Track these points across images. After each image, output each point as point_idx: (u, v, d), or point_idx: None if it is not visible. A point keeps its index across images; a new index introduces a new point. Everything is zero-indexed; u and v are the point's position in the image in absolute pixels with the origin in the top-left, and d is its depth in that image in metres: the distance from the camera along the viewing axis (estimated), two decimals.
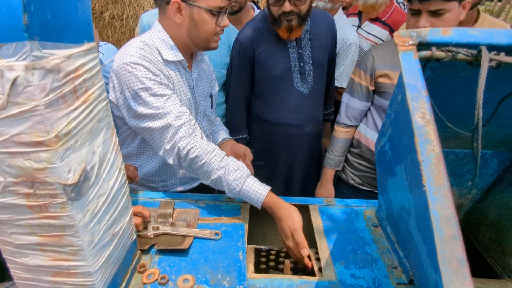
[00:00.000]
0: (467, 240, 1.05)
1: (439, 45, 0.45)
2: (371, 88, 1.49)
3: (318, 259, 0.97)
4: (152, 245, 0.94)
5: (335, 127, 1.68)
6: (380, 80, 1.44)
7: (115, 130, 0.73)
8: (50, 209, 0.57)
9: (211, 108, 1.40)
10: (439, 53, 0.44)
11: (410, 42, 0.43)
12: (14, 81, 0.48)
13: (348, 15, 2.31)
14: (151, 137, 1.09)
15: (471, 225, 1.05)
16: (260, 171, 1.95)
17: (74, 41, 0.57)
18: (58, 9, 0.53)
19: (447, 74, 0.54)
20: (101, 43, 1.74)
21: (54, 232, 0.60)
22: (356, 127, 1.63)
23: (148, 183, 1.31)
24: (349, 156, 1.69)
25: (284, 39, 1.56)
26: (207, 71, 1.37)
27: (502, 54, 0.43)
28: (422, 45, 0.45)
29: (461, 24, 1.43)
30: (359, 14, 2.26)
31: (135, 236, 0.86)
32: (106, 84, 1.01)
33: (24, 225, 0.59)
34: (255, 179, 1.05)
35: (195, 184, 1.41)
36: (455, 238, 0.32)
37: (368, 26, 2.19)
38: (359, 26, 2.23)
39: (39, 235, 0.61)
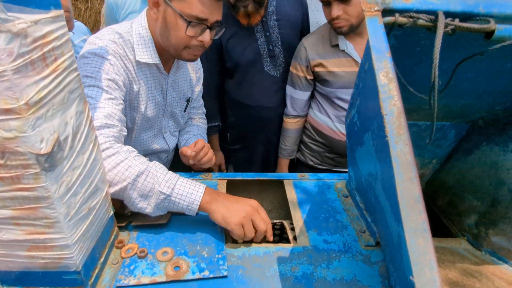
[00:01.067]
0: (428, 206, 1.14)
1: (402, 12, 0.48)
2: (310, 77, 1.58)
3: (293, 229, 1.01)
4: (130, 222, 0.94)
5: (284, 119, 1.77)
6: (316, 69, 1.53)
7: (88, 104, 0.71)
8: (23, 181, 0.56)
9: (184, 111, 1.33)
10: (401, 19, 0.47)
11: (376, 8, 0.46)
12: None
13: None
14: None
15: (432, 192, 1.13)
16: (238, 154, 1.98)
17: (41, 7, 0.55)
18: None
19: (409, 43, 0.58)
20: (85, 31, 1.67)
21: (28, 204, 0.59)
22: (303, 116, 1.72)
23: None
24: (305, 139, 1.78)
25: (245, 25, 1.53)
26: (189, 74, 1.28)
27: (457, 20, 0.48)
28: (386, 12, 0.48)
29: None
30: None
31: (112, 212, 0.85)
32: None
33: None
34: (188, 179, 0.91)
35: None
36: (412, 179, 0.36)
37: None
38: None
39: (12, 208, 0.59)
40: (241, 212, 0.87)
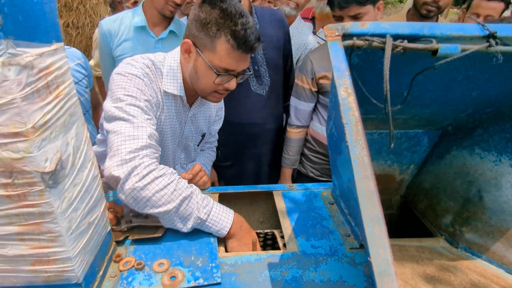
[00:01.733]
0: (408, 209, 1.21)
1: (359, 36, 0.56)
2: (314, 89, 1.66)
3: (282, 237, 1.07)
4: (126, 237, 0.99)
5: (288, 129, 1.83)
6: (321, 81, 1.61)
7: (86, 126, 0.77)
8: (28, 198, 0.61)
9: (198, 145, 1.38)
10: (358, 42, 0.55)
11: (336, 33, 0.54)
12: None
13: (305, 20, 2.46)
14: (112, 140, 0.94)
15: (411, 196, 1.21)
16: (228, 171, 2.03)
17: (44, 41, 0.62)
18: (28, 11, 0.58)
19: (371, 61, 0.66)
20: (65, 47, 1.74)
21: (33, 220, 0.64)
22: (306, 127, 1.79)
23: None
24: (306, 151, 1.84)
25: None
26: (210, 111, 1.33)
27: (405, 41, 0.56)
28: (346, 36, 0.56)
29: None
30: (313, 20, 2.42)
31: (109, 227, 0.90)
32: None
33: (2, 215, 0.63)
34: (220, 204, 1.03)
35: None
36: (368, 177, 0.43)
37: (322, 33, 2.36)
38: (313, 33, 2.39)
39: (17, 224, 0.64)
40: (247, 243, 1.01)
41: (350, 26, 0.56)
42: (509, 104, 0.88)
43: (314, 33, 2.37)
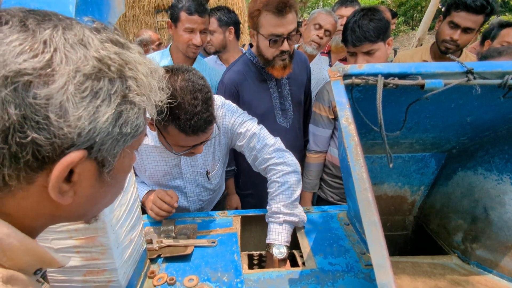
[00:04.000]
0: (422, 229, 1.26)
1: (357, 75, 0.68)
2: (331, 116, 1.78)
3: (301, 256, 1.14)
4: (159, 255, 1.09)
5: (307, 154, 1.94)
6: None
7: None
8: None
9: (210, 182, 1.45)
10: (357, 80, 0.67)
11: (338, 74, 0.67)
12: None
13: (321, 53, 2.65)
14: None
15: (424, 216, 1.26)
16: (248, 199, 2.12)
17: None
18: None
19: (371, 94, 0.77)
20: None
21: (88, 234, 0.76)
22: (324, 152, 1.89)
23: None
24: (325, 176, 1.92)
25: (277, 77, 1.75)
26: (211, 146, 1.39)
27: (396, 78, 0.67)
28: (346, 76, 0.68)
29: (445, 59, 1.85)
30: (329, 54, 2.60)
31: (145, 245, 1.01)
32: None
33: (64, 230, 0.75)
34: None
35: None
36: (367, 189, 0.52)
37: (338, 65, 2.52)
38: (330, 65, 2.56)
39: (75, 238, 0.76)
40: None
41: (349, 67, 0.68)
42: (505, 127, 0.96)
43: (330, 65, 2.53)
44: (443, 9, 2.06)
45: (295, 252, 1.21)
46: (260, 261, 1.23)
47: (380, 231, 0.48)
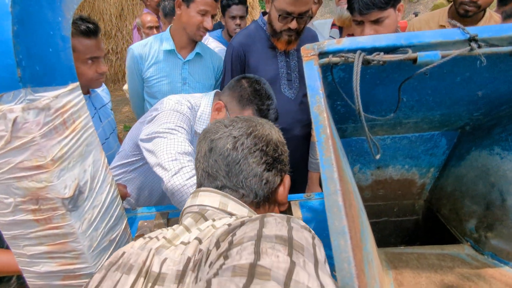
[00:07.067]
0: (433, 214, 1.16)
1: (335, 53, 0.57)
2: None
3: None
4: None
5: (313, 133, 1.82)
6: None
7: (103, 153, 0.86)
8: (53, 221, 0.70)
9: None
10: (334, 59, 0.56)
11: (312, 53, 0.56)
12: (14, 120, 0.61)
13: (332, 26, 2.47)
14: (160, 144, 1.17)
15: (435, 200, 1.15)
16: None
17: (61, 84, 0.71)
18: (44, 61, 0.67)
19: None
20: (104, 87, 1.91)
21: (58, 240, 0.72)
22: None
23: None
24: None
25: (280, 50, 1.73)
26: None
27: (382, 54, 0.56)
28: (323, 54, 0.58)
29: (465, 22, 1.61)
30: (340, 28, 2.40)
31: None
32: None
33: (34, 237, 0.72)
34: None
35: None
36: (336, 192, 0.43)
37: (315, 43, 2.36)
38: None
39: (46, 244, 0.73)
40: None
41: (326, 44, 0.57)
42: None
43: None
44: None
45: None
46: None
47: (349, 244, 0.40)
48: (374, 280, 0.49)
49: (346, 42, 0.57)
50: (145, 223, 1.20)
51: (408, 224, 1.24)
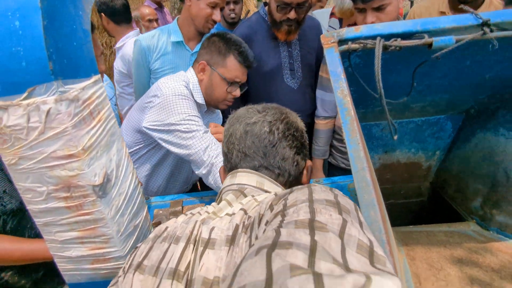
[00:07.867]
0: (438, 195, 1.20)
1: (354, 40, 0.60)
2: None
3: None
4: None
5: (315, 120, 1.86)
6: None
7: (124, 142, 0.89)
8: (84, 207, 0.74)
9: None
10: (353, 45, 0.59)
11: (332, 41, 0.59)
12: (48, 112, 0.64)
13: (331, 15, 2.47)
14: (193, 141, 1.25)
15: (441, 181, 1.20)
16: None
17: (85, 76, 0.74)
18: (70, 54, 0.69)
19: (372, 59, 0.70)
20: (106, 79, 1.92)
21: (89, 225, 0.76)
22: (333, 117, 1.80)
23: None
24: (335, 142, 1.86)
25: (281, 41, 1.74)
26: (215, 120, 1.64)
27: (399, 39, 0.59)
28: (342, 41, 0.61)
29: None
30: (340, 19, 2.41)
31: (152, 229, 1.01)
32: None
33: (65, 223, 0.76)
34: None
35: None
36: (364, 169, 0.47)
37: (332, 31, 2.35)
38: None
39: (77, 230, 0.77)
40: None
41: (345, 31, 0.60)
42: None
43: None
44: None
45: None
46: None
47: (379, 215, 0.44)
48: (395, 251, 0.53)
49: (364, 29, 0.60)
50: (161, 211, 1.24)
51: (415, 206, 1.29)
